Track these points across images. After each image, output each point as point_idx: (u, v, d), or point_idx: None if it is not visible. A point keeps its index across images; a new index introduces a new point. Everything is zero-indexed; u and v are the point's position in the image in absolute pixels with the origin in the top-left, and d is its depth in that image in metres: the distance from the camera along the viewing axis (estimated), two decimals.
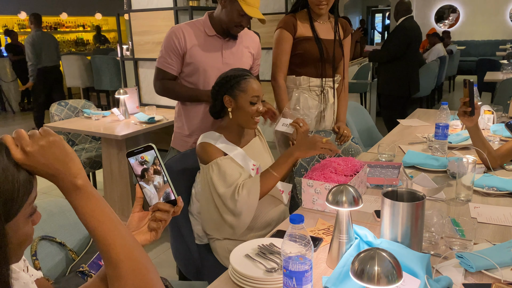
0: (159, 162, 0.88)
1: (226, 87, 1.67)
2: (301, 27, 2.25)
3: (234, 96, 1.66)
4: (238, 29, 2.02)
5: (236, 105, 1.66)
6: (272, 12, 4.82)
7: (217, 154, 1.63)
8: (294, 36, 2.25)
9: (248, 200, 1.55)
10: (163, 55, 2.07)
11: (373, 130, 3.31)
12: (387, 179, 1.74)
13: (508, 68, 5.56)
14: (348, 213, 1.16)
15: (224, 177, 1.59)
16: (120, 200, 3.31)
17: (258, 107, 1.67)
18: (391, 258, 0.86)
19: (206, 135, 1.69)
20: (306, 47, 2.24)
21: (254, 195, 1.56)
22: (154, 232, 0.92)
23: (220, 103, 1.70)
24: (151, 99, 3.99)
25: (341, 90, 2.39)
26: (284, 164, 1.62)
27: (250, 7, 1.91)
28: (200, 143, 1.67)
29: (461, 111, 1.79)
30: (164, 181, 0.89)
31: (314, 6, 2.20)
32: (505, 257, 1.14)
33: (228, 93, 1.66)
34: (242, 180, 1.59)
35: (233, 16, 1.95)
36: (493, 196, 1.64)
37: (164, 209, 0.90)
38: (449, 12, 11.95)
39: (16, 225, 0.70)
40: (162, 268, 2.66)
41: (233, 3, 1.93)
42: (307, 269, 0.98)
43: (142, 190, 0.91)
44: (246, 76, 1.67)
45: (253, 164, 1.70)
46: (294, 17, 2.26)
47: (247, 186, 1.56)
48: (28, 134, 0.72)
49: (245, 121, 1.68)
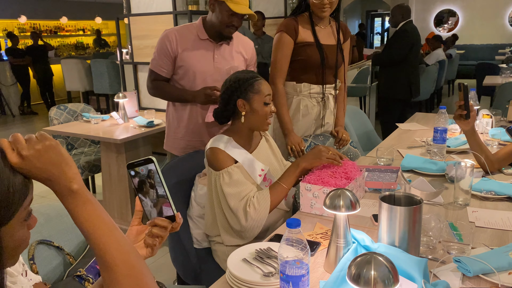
0: (159, 176, 0.87)
1: (239, 91, 1.64)
2: (303, 31, 2.22)
3: (248, 99, 1.63)
4: (231, 29, 2.02)
5: (250, 108, 1.64)
6: (272, 16, 4.83)
7: (228, 162, 1.60)
8: (295, 40, 2.21)
9: (258, 215, 1.54)
10: (155, 57, 2.10)
11: (372, 134, 3.32)
12: (385, 183, 1.74)
13: (507, 72, 5.58)
14: (346, 217, 1.16)
15: (235, 188, 1.56)
16: (119, 204, 3.31)
17: (271, 107, 1.66)
18: (387, 262, 0.86)
19: (216, 139, 1.66)
20: (307, 53, 2.21)
21: (264, 210, 1.55)
22: (150, 248, 0.92)
23: (233, 107, 1.66)
24: (150, 103, 4.00)
25: (340, 94, 2.39)
26: (292, 175, 1.63)
27: (238, 5, 1.92)
28: (211, 148, 1.63)
29: (457, 115, 1.80)
30: (163, 195, 0.88)
31: (316, 9, 2.16)
32: (503, 262, 1.14)
33: (242, 96, 1.63)
34: (253, 193, 1.58)
35: (223, 17, 1.96)
36: (491, 200, 1.64)
37: (162, 225, 0.90)
38: (449, 16, 11.99)
39: (11, 229, 0.70)
40: (160, 272, 2.65)
41: (220, 4, 1.94)
42: (304, 274, 0.98)
43: (142, 203, 0.91)
44: (257, 78, 1.66)
45: (261, 169, 1.67)
46: (296, 20, 2.23)
47: (258, 201, 1.55)
48: (24, 139, 0.72)
49: (259, 123, 1.66)
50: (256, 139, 1.78)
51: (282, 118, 2.24)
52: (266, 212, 1.56)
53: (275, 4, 4.97)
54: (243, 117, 1.65)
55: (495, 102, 4.64)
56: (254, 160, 1.67)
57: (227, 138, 1.66)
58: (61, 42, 11.91)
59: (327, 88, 2.29)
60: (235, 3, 1.91)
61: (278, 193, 1.60)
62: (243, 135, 1.69)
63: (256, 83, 1.64)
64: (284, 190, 1.61)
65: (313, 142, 2.28)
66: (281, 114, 2.24)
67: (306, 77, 2.26)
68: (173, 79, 2.14)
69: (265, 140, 1.85)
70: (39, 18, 11.01)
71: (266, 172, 1.69)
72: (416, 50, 4.30)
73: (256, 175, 1.66)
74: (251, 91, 1.63)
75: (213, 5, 1.97)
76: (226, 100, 1.67)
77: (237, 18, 1.97)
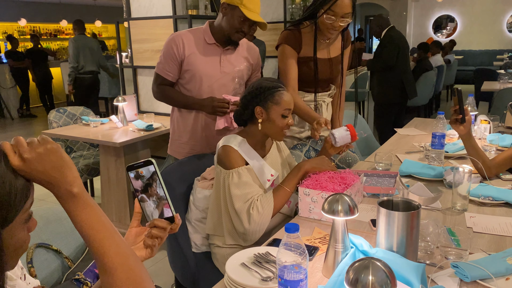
0: (158, 178, 0.88)
1: (259, 98, 1.64)
2: (306, 46, 2.16)
3: (266, 108, 1.64)
4: (240, 35, 2.02)
5: (268, 117, 1.64)
6: (271, 20, 4.84)
7: (240, 162, 1.61)
8: (298, 53, 2.16)
9: (261, 219, 1.56)
10: (161, 61, 2.09)
11: (371, 139, 3.33)
12: (384, 188, 1.75)
13: (505, 78, 5.60)
14: (344, 222, 1.16)
15: (243, 190, 1.57)
16: (117, 207, 3.30)
17: (289, 120, 1.66)
18: (385, 267, 0.86)
19: (229, 138, 1.66)
20: (304, 70, 2.18)
21: (267, 214, 1.57)
22: (149, 249, 0.92)
23: (250, 112, 1.67)
24: (149, 107, 4.01)
25: (336, 99, 2.39)
26: (294, 178, 1.64)
27: (251, 12, 1.92)
28: (223, 146, 1.64)
29: (452, 119, 1.82)
30: (163, 197, 0.89)
31: (324, 29, 2.08)
32: (500, 267, 1.15)
33: (261, 104, 1.64)
34: (258, 196, 1.58)
35: (234, 22, 1.96)
36: (489, 206, 1.64)
37: (161, 226, 0.91)
38: (447, 22, 12.05)
39: (12, 231, 0.71)
40: (159, 277, 2.65)
41: (234, 9, 1.94)
42: (302, 278, 0.98)
43: (141, 205, 0.91)
44: (280, 88, 1.66)
45: (271, 174, 1.68)
46: (299, 32, 2.14)
47: (261, 204, 1.56)
48: (27, 142, 0.73)
49: (274, 133, 1.68)
50: (268, 145, 1.80)
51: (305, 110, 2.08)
52: (269, 216, 1.57)
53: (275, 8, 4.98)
54: (260, 124, 1.66)
55: (493, 108, 4.66)
56: (265, 164, 1.68)
57: (240, 139, 1.67)
58: (61, 45, 11.94)
59: (320, 96, 2.28)
60: (249, 9, 1.91)
61: (281, 196, 1.61)
62: (257, 139, 1.71)
63: (277, 94, 1.64)
64: (287, 194, 1.62)
65: (312, 147, 2.29)
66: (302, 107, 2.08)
67: (302, 88, 2.25)
68: (179, 83, 2.13)
69: (276, 147, 1.85)
70: (39, 21, 11.04)
71: (275, 178, 1.69)
72: (404, 52, 4.42)
73: (265, 180, 1.66)
74: (270, 101, 1.63)
75: (226, 9, 1.97)
76: (245, 105, 1.69)
77: (247, 25, 1.97)
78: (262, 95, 1.64)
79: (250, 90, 1.68)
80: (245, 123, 1.74)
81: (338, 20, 2.01)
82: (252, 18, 1.92)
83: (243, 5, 1.91)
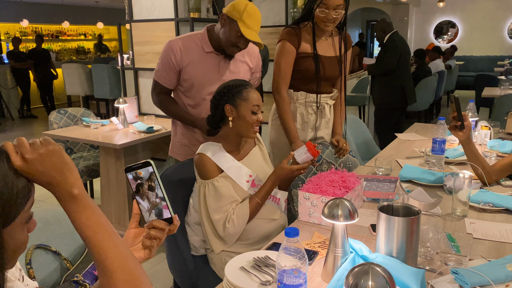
0: (157, 179, 0.88)
1: (227, 96, 1.69)
2: (304, 42, 2.20)
3: (235, 105, 1.68)
4: (234, 49, 1.99)
5: (237, 114, 1.68)
6: (273, 24, 4.85)
7: (214, 172, 1.66)
8: (297, 50, 2.20)
9: (236, 230, 1.65)
10: (159, 68, 2.08)
11: (371, 143, 3.32)
12: (384, 193, 1.75)
13: (506, 84, 5.60)
14: (344, 227, 1.16)
15: (218, 203, 1.64)
16: (117, 209, 3.30)
17: (258, 116, 1.70)
18: (385, 273, 0.86)
19: (205, 146, 1.70)
20: (306, 65, 2.20)
21: (242, 224, 1.65)
22: (148, 250, 0.92)
23: (221, 112, 1.71)
24: (150, 109, 4.01)
25: (337, 103, 2.40)
26: (263, 189, 1.70)
27: (249, 29, 1.89)
28: (199, 154, 1.68)
29: (451, 126, 1.83)
30: (161, 198, 0.89)
31: (320, 23, 2.14)
32: (500, 274, 1.14)
33: (230, 102, 1.68)
34: (233, 209, 1.65)
35: (230, 36, 1.93)
36: (489, 212, 1.64)
37: (160, 227, 0.90)
38: (448, 27, 12.07)
39: (12, 231, 0.71)
40: (158, 279, 2.64)
41: (232, 23, 1.91)
42: (301, 283, 0.98)
43: (139, 206, 0.91)
44: (247, 86, 1.71)
45: (249, 175, 1.71)
46: (299, 29, 2.21)
47: (237, 217, 1.64)
48: (29, 143, 0.73)
49: (245, 130, 1.70)
50: (248, 146, 1.82)
51: (287, 125, 2.22)
52: (243, 226, 1.66)
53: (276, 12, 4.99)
54: (230, 122, 1.70)
55: (493, 114, 4.67)
56: (241, 167, 1.71)
57: (216, 145, 1.71)
58: (62, 46, 11.96)
59: (323, 97, 2.29)
60: (247, 27, 1.89)
61: (255, 206, 1.68)
62: (232, 141, 1.74)
63: (244, 91, 1.68)
64: (259, 205, 1.70)
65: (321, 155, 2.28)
66: (286, 121, 2.21)
67: (305, 87, 2.26)
68: (178, 90, 2.13)
69: (259, 148, 1.89)
70: (41, 22, 11.06)
71: (254, 177, 1.73)
72: (406, 57, 4.45)
73: (243, 182, 1.70)
74: (238, 98, 1.67)
75: (225, 21, 1.94)
76: (215, 105, 1.73)
77: (243, 41, 1.95)
78: (230, 93, 1.69)
79: (218, 91, 1.73)
80: (218, 125, 1.78)
81: (331, 12, 2.08)
82: (248, 36, 1.89)
83: (242, 21, 1.88)
